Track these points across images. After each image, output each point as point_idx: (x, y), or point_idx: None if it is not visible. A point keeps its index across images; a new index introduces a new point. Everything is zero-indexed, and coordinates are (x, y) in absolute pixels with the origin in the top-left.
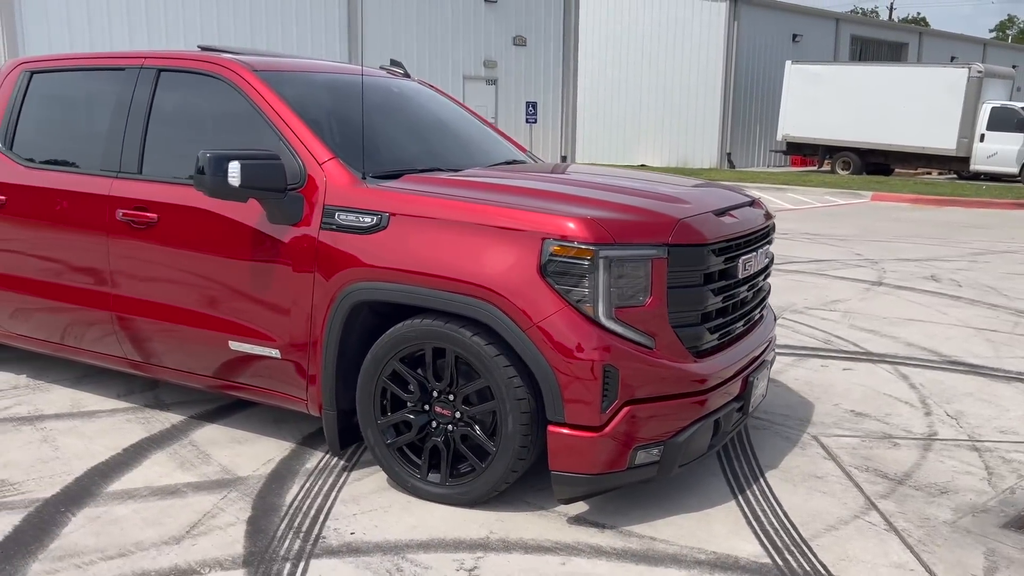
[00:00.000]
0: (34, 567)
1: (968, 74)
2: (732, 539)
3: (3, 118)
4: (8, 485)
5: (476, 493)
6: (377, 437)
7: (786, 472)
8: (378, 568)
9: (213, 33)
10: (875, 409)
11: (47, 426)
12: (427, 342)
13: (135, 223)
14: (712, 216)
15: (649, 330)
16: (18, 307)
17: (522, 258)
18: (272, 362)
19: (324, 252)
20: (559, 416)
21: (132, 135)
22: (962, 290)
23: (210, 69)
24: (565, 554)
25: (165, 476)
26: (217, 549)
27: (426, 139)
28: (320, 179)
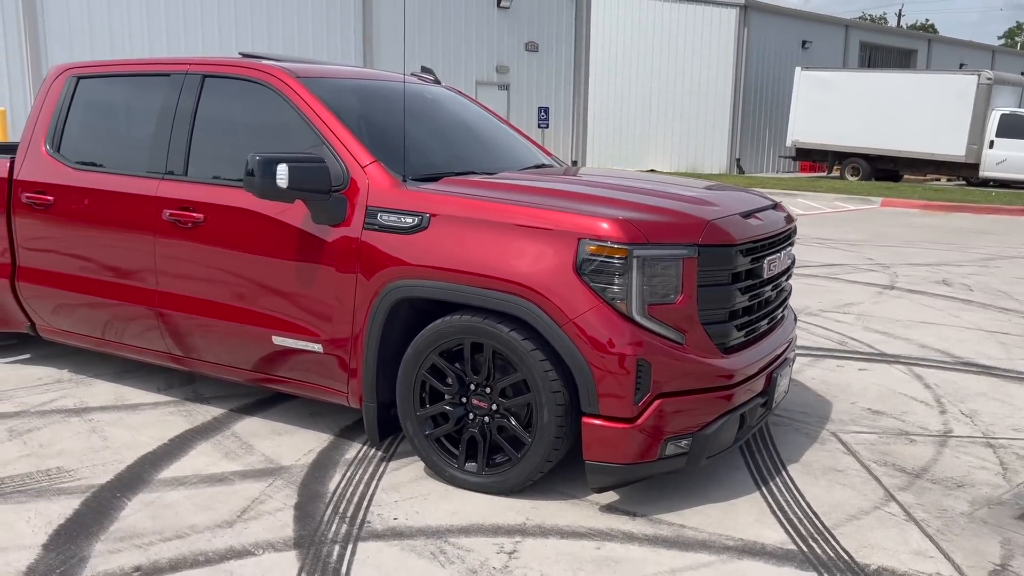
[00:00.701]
0: (97, 547)
1: (978, 81)
2: (758, 527)
3: (50, 122)
4: (64, 472)
5: (512, 482)
6: (416, 428)
7: (807, 466)
8: (422, 551)
9: (231, 40)
10: (891, 407)
11: (94, 418)
12: (466, 337)
13: (181, 223)
14: (739, 218)
15: (680, 327)
16: (63, 303)
17: (559, 257)
18: (314, 356)
19: (367, 251)
20: (593, 408)
21: (178, 138)
22: (973, 294)
23: (254, 75)
24: (599, 539)
25: (212, 465)
26: (268, 532)
27: (459, 143)
28: (362, 181)
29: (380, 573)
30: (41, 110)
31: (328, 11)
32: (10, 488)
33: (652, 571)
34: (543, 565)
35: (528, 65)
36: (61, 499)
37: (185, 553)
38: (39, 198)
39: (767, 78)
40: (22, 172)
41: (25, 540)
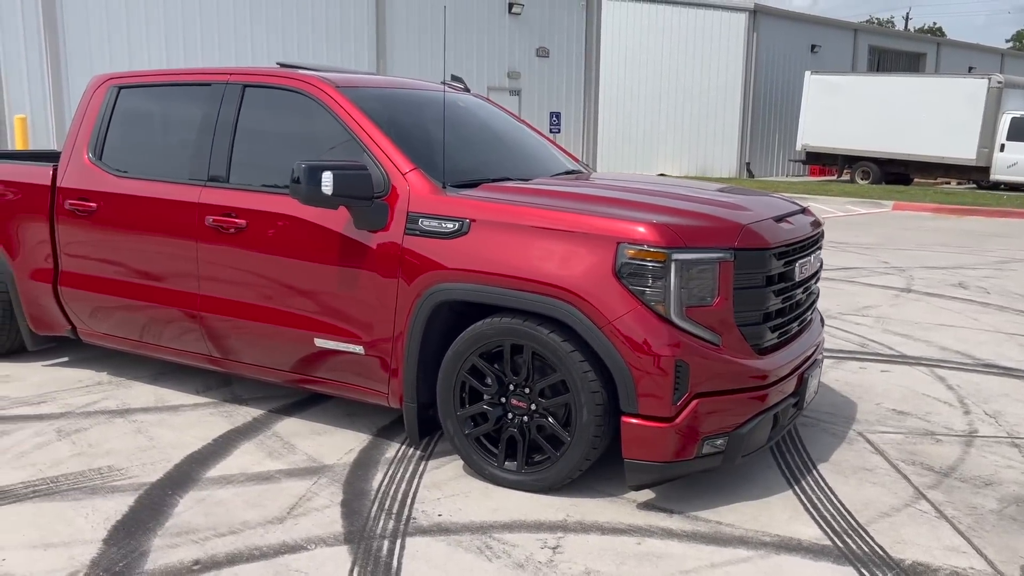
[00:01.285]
0: (156, 542)
1: (988, 85)
2: (793, 524)
3: (92, 130)
4: (115, 470)
5: (551, 480)
6: (456, 428)
7: (836, 465)
8: (469, 545)
9: (247, 51)
10: (915, 408)
11: (137, 418)
12: (506, 339)
13: (224, 228)
14: (772, 222)
15: (716, 328)
16: (104, 307)
17: (598, 261)
18: (355, 358)
19: (408, 255)
20: (633, 408)
21: (220, 146)
22: (990, 297)
23: (295, 85)
24: (639, 535)
25: (257, 464)
26: (318, 528)
27: (492, 150)
28: (403, 188)
29: (430, 567)
30: (83, 119)
31: (342, 20)
32: (65, 486)
33: (693, 566)
34: (587, 560)
35: (539, 71)
36: (115, 496)
37: (240, 548)
38: (82, 205)
39: (776, 82)
40: (65, 180)
41: (85, 535)
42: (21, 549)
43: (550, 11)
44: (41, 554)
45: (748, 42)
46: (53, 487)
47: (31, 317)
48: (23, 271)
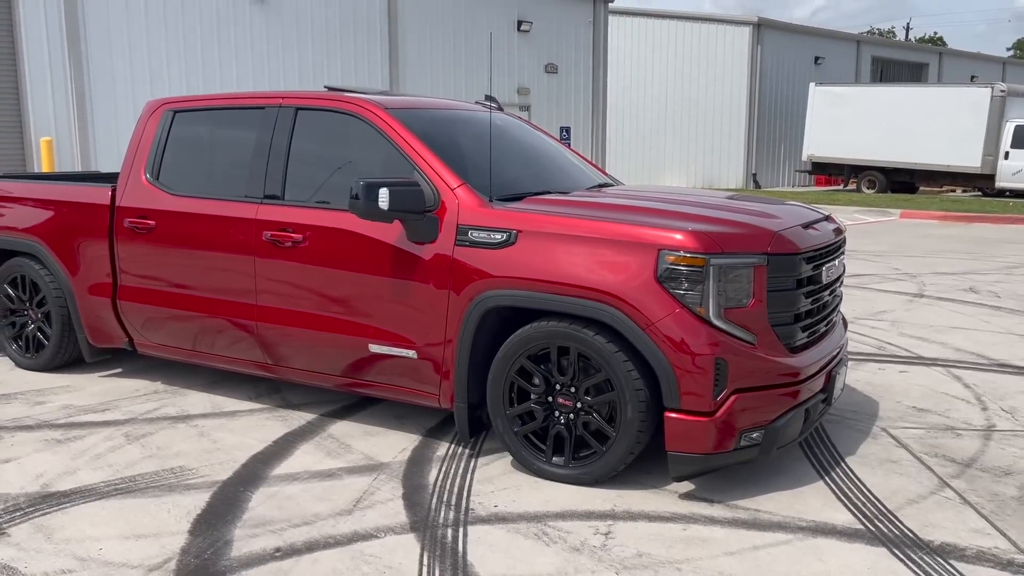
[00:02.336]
0: (236, 532)
1: (991, 93)
2: (826, 510)
3: (149, 152)
4: (187, 470)
5: (598, 473)
6: (506, 425)
7: (863, 458)
8: (526, 532)
9: (263, 70)
10: (935, 405)
11: (198, 423)
12: (553, 341)
13: (281, 243)
14: (800, 228)
15: (752, 328)
16: (162, 319)
17: (641, 267)
18: (408, 362)
19: (458, 265)
20: (676, 403)
21: (275, 165)
22: (1001, 301)
23: (347, 108)
24: (684, 522)
25: (318, 463)
26: (384, 519)
27: (530, 165)
28: (452, 202)
29: (493, 551)
30: (140, 142)
31: (355, 40)
32: (143, 484)
33: (736, 548)
34: (638, 544)
35: (548, 86)
36: (191, 493)
37: (316, 537)
38: (141, 223)
39: (781, 93)
40: (124, 199)
41: (171, 527)
42: (114, 540)
43: (558, 28)
44: (133, 544)
45: (752, 55)
46: (132, 485)
47: (90, 330)
48: (82, 286)
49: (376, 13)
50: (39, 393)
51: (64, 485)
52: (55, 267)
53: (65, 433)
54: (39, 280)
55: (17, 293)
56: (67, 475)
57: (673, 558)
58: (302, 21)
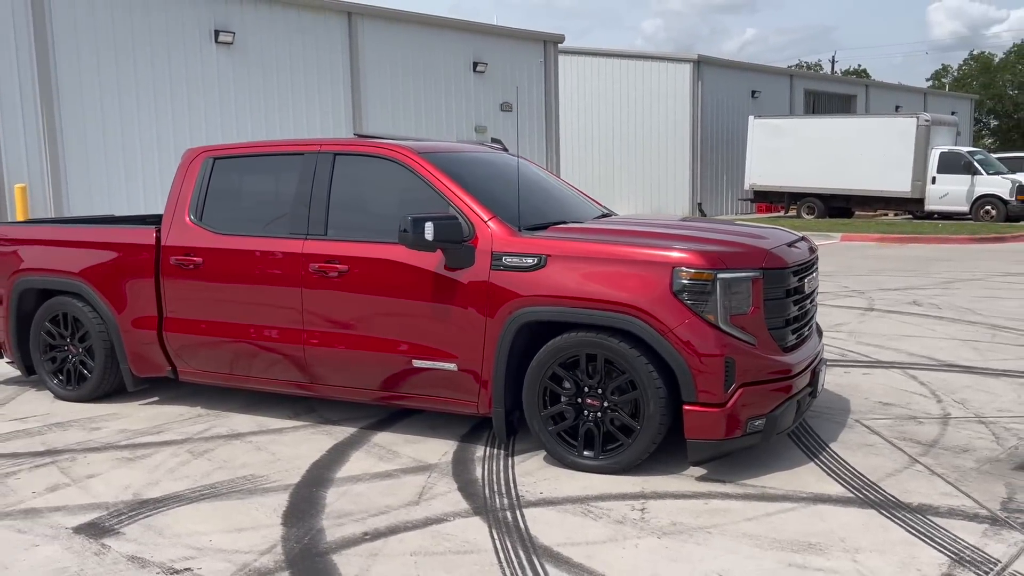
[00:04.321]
0: (324, 523)
1: (917, 123)
2: (821, 484)
3: (192, 195)
4: (258, 477)
5: (625, 462)
6: (541, 425)
7: (843, 443)
8: (574, 512)
9: (231, 117)
10: (897, 400)
11: (251, 440)
12: (582, 349)
13: (327, 273)
14: (787, 247)
15: (752, 331)
16: (206, 347)
17: (658, 283)
18: (449, 374)
19: (494, 286)
20: (692, 398)
21: (317, 204)
22: (942, 311)
23: (383, 153)
24: (704, 498)
25: (373, 466)
26: (448, 506)
27: (543, 199)
28: (486, 232)
29: (550, 526)
30: (182, 186)
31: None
32: (224, 490)
33: (753, 515)
34: (670, 515)
35: (504, 124)
36: (270, 495)
37: (394, 523)
38: (188, 259)
39: (722, 125)
40: (169, 239)
41: (265, 521)
42: (220, 533)
43: (511, 68)
44: (237, 535)
45: (694, 90)
46: (214, 491)
47: (133, 361)
48: (127, 321)
49: (338, 55)
50: (91, 420)
51: (153, 494)
52: (99, 304)
53: (132, 452)
54: (81, 316)
55: (58, 330)
56: (152, 485)
57: (702, 524)
58: (267, 63)
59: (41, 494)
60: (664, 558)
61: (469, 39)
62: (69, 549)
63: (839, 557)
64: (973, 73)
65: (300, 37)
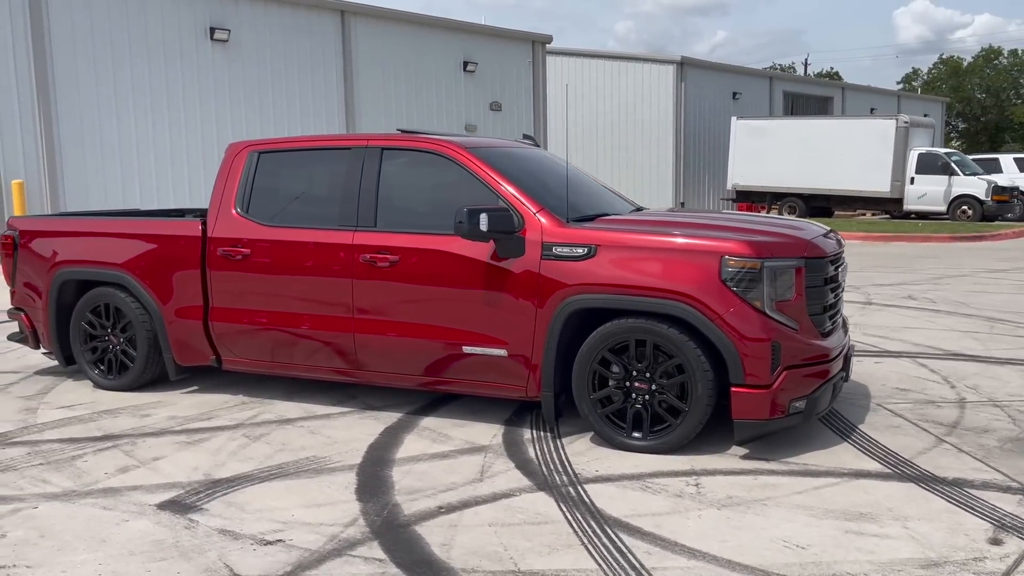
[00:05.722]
0: (397, 499)
1: (896, 124)
2: (859, 462)
3: (238, 189)
4: (321, 458)
5: (673, 442)
6: (590, 408)
7: (871, 425)
8: (632, 487)
9: (226, 107)
10: (913, 386)
11: (302, 424)
12: (631, 335)
13: (377, 264)
14: (823, 238)
15: (795, 317)
16: (253, 336)
17: (707, 271)
18: (499, 360)
19: (545, 276)
20: (740, 380)
21: (366, 197)
22: (938, 305)
23: (431, 148)
24: (753, 475)
25: (428, 448)
26: (511, 483)
27: (582, 193)
28: (535, 224)
29: (612, 500)
30: (227, 180)
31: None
32: (291, 470)
33: (801, 488)
34: (724, 490)
35: (493, 123)
36: (338, 474)
37: (464, 498)
38: (235, 251)
39: (704, 126)
40: (216, 231)
41: (339, 497)
42: (299, 508)
43: (501, 68)
44: (317, 510)
45: (677, 91)
46: (282, 471)
47: (177, 350)
48: (171, 311)
49: (331, 53)
50: (138, 408)
51: (223, 474)
52: (143, 294)
53: (190, 437)
54: (124, 307)
55: (99, 320)
56: (219, 466)
57: (756, 497)
58: (261, 61)
59: (114, 475)
60: (728, 526)
61: (459, 39)
62: (159, 523)
63: (890, 524)
64: (942, 76)
65: (294, 35)
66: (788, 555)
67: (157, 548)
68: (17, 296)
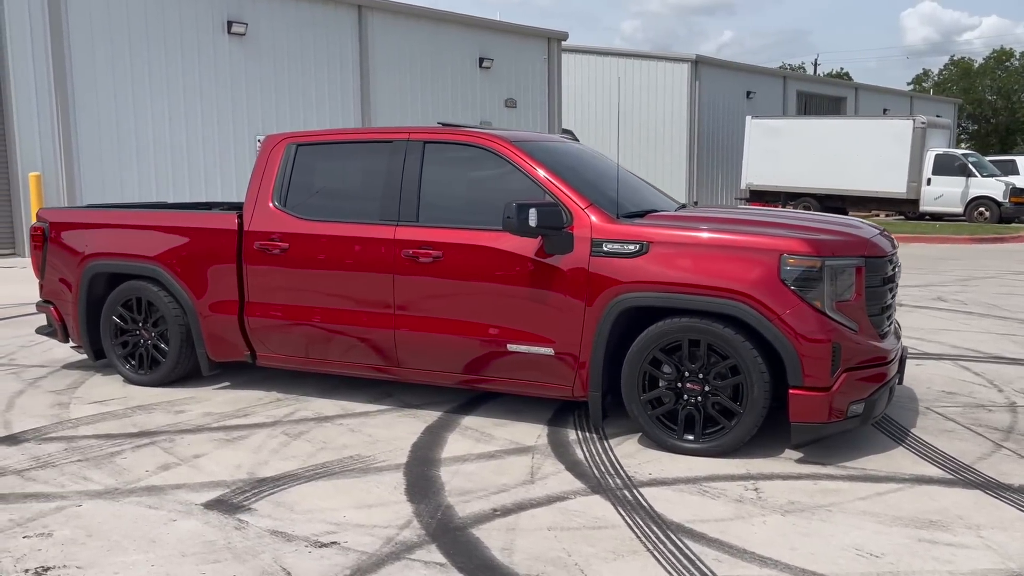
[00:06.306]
0: (449, 500)
1: (913, 125)
2: (918, 467)
3: (275, 181)
4: (365, 457)
5: (727, 445)
6: (640, 409)
7: (924, 429)
8: (690, 491)
9: (242, 100)
10: (959, 389)
11: (341, 422)
12: (684, 335)
13: (420, 259)
14: (880, 237)
15: (854, 318)
16: (289, 332)
17: (766, 269)
18: (544, 358)
19: (595, 273)
20: (799, 382)
21: (408, 191)
22: (969, 307)
23: (476, 141)
24: (812, 479)
25: (473, 448)
26: (564, 485)
27: (627, 189)
28: (584, 220)
29: (672, 505)
30: (264, 173)
31: (329, 72)
32: (336, 469)
33: (865, 494)
34: (785, 495)
35: (508, 119)
36: (384, 474)
37: (518, 500)
38: (272, 245)
39: (717, 124)
40: (252, 224)
41: (389, 499)
42: (350, 509)
43: (516, 65)
44: (368, 511)
45: (691, 89)
46: (327, 470)
47: (211, 345)
48: (205, 305)
49: (348, 48)
50: (171, 404)
51: (266, 472)
52: (176, 288)
53: (228, 434)
54: (156, 301)
55: (131, 314)
56: (262, 465)
57: (819, 503)
58: (278, 55)
59: (155, 472)
60: (796, 533)
61: (475, 35)
62: (208, 524)
63: (964, 533)
64: (953, 78)
65: (311, 29)
66: (863, 564)
67: (209, 549)
68: (46, 289)
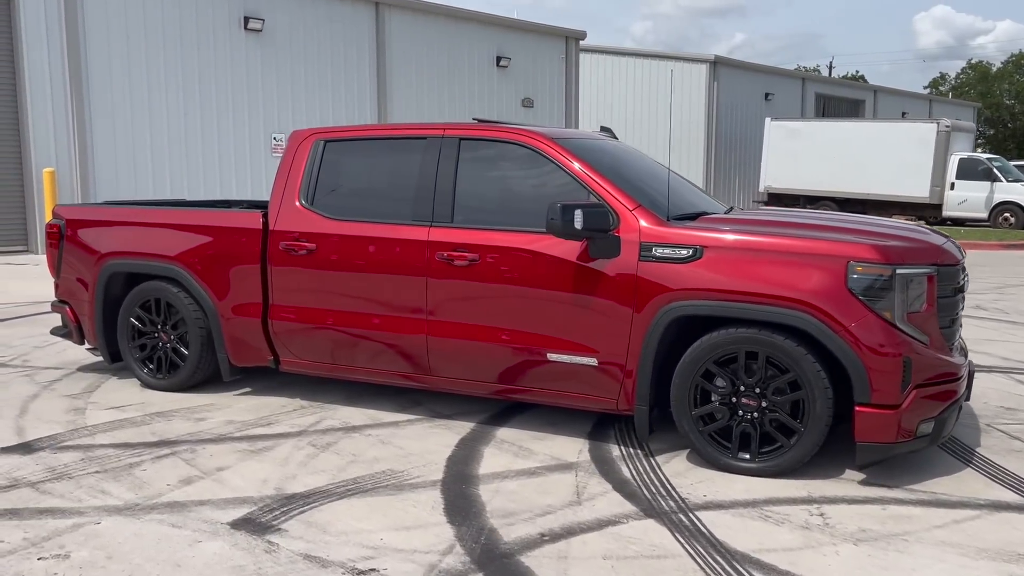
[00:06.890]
0: (492, 523)
1: (937, 128)
2: (991, 491)
3: (302, 179)
4: (398, 472)
5: (786, 465)
6: (691, 425)
7: (989, 448)
8: (751, 515)
9: (258, 96)
10: (1017, 405)
11: (370, 433)
12: (741, 346)
13: (455, 262)
14: (950, 244)
15: (926, 330)
16: (316, 335)
17: (831, 277)
18: (587, 369)
19: (643, 279)
20: (866, 399)
21: (443, 190)
22: (1011, 316)
23: (514, 138)
24: (880, 504)
25: (512, 463)
26: (614, 507)
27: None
28: (631, 222)
29: (734, 531)
30: (290, 170)
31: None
32: (369, 485)
33: (940, 522)
34: (854, 521)
35: (525, 119)
36: (421, 491)
37: (567, 524)
38: (299, 245)
39: (735, 126)
40: (278, 224)
41: (428, 519)
42: (387, 531)
43: (533, 64)
44: (407, 534)
45: (710, 90)
46: (359, 487)
47: (232, 349)
48: (227, 307)
49: (365, 44)
50: (191, 411)
51: (295, 488)
52: (197, 289)
53: (251, 445)
54: (176, 302)
55: (149, 316)
56: (290, 479)
57: (892, 531)
58: (295, 51)
59: (177, 487)
60: (874, 565)
61: (493, 33)
62: (236, 546)
63: None
64: (971, 81)
65: (328, 25)
66: None
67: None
68: (62, 288)
